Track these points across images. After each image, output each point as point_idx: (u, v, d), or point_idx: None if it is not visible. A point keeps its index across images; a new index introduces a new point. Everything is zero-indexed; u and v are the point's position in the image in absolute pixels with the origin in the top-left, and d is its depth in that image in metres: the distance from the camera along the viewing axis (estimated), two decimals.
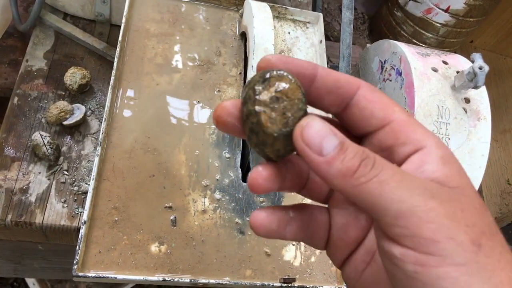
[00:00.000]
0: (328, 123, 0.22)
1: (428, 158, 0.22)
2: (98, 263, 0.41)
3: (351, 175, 0.21)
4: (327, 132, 0.22)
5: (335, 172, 0.21)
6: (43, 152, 0.51)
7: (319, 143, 0.21)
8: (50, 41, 0.62)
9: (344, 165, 0.21)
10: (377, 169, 0.20)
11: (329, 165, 0.21)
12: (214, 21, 0.60)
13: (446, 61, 0.55)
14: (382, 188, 0.20)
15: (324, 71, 0.24)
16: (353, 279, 0.25)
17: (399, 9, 0.86)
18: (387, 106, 0.24)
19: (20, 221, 0.48)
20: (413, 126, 0.23)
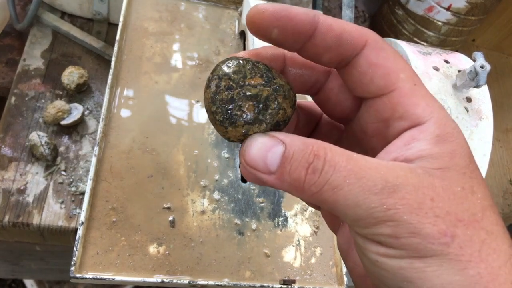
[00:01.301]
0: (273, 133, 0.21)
1: (420, 136, 0.20)
2: (95, 265, 0.41)
3: (301, 186, 0.19)
4: (268, 145, 0.20)
5: (288, 186, 0.20)
6: (41, 152, 0.50)
7: (263, 162, 0.20)
8: (48, 40, 0.61)
9: (292, 178, 0.19)
10: (328, 173, 0.19)
11: (281, 181, 0.20)
12: (213, 20, 0.59)
13: (447, 60, 0.54)
14: (335, 196, 0.19)
15: (324, 26, 0.21)
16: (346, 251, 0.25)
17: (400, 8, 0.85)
18: (391, 72, 0.21)
19: (17, 222, 0.48)
20: (416, 98, 0.21)
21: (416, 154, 0.20)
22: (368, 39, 0.21)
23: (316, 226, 0.49)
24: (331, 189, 0.19)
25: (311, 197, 0.19)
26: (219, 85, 0.21)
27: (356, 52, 0.21)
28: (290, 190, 0.20)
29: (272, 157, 0.20)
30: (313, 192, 0.19)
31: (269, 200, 0.49)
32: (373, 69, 0.21)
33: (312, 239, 0.48)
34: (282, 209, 0.49)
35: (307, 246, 0.48)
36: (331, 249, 0.48)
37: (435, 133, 0.20)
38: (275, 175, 0.20)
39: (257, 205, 0.48)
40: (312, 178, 0.19)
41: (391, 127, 0.21)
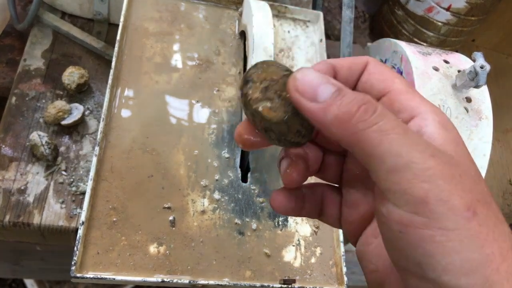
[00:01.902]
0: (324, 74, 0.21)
1: (426, 122, 0.22)
2: (96, 264, 0.41)
3: (349, 120, 0.19)
4: (321, 81, 0.21)
5: (332, 118, 0.20)
6: (41, 152, 0.50)
7: (313, 90, 0.21)
8: (48, 40, 0.61)
9: (341, 110, 0.20)
10: (379, 116, 0.19)
11: (325, 112, 0.20)
12: (213, 20, 0.59)
13: (447, 60, 0.54)
14: (381, 138, 0.19)
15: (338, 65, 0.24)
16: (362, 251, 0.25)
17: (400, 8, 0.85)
18: (387, 78, 0.24)
19: (18, 222, 0.48)
20: (410, 94, 0.23)
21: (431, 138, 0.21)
22: (368, 59, 0.25)
23: (316, 226, 0.50)
24: (379, 131, 0.19)
25: (354, 134, 0.19)
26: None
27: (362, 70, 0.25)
28: (332, 123, 0.20)
29: (323, 89, 0.20)
30: (359, 129, 0.19)
31: (269, 200, 0.49)
32: (373, 76, 0.24)
33: (312, 239, 0.48)
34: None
35: (307, 246, 0.48)
36: (331, 249, 0.48)
37: (436, 119, 0.22)
38: (320, 105, 0.20)
39: (258, 205, 0.48)
40: (363, 116, 0.19)
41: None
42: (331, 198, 0.27)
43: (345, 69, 0.24)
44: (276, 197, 0.26)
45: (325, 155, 0.27)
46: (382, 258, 0.23)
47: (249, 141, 0.24)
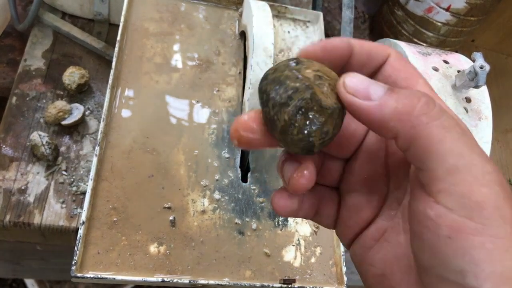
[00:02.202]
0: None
1: None
2: (96, 264, 0.41)
3: (410, 112, 0.19)
4: (371, 82, 0.20)
5: (391, 112, 0.19)
6: (42, 152, 0.51)
7: (365, 90, 0.20)
8: (49, 41, 0.61)
9: (401, 103, 0.19)
10: (441, 111, 0.18)
11: (382, 107, 0.19)
12: (214, 20, 0.59)
13: (446, 60, 0.54)
14: (444, 135, 0.18)
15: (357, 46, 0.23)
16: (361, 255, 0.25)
17: (399, 8, 0.85)
18: (411, 76, 0.23)
19: (18, 222, 0.48)
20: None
21: None
22: (390, 50, 0.23)
23: (316, 225, 0.50)
24: (442, 127, 0.18)
25: (415, 127, 0.18)
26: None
27: (383, 62, 0.23)
28: (390, 118, 0.19)
29: (375, 89, 0.20)
30: (422, 122, 0.18)
31: (269, 200, 0.49)
32: (397, 73, 0.23)
33: (312, 238, 0.49)
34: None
35: (307, 245, 0.48)
36: (331, 249, 0.48)
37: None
38: (376, 102, 0.20)
39: (258, 205, 0.49)
40: (425, 109, 0.18)
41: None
42: (329, 200, 0.27)
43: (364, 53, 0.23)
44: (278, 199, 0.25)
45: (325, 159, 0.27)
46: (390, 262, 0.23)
47: (245, 139, 0.22)
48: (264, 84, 0.21)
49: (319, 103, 0.20)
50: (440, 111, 0.18)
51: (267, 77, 0.21)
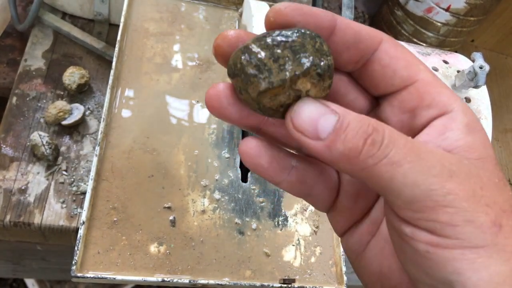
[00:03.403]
0: (323, 101, 0.19)
1: (452, 125, 0.20)
2: (97, 264, 0.41)
3: (356, 156, 0.18)
4: (321, 112, 0.19)
5: (338, 155, 0.18)
6: (42, 152, 0.51)
7: (313, 126, 0.19)
8: (49, 41, 0.61)
9: (346, 146, 0.18)
10: (388, 147, 0.18)
11: (330, 149, 0.18)
12: (214, 21, 0.60)
13: (446, 60, 0.54)
14: (393, 172, 0.18)
15: (343, 23, 0.21)
16: (357, 251, 0.24)
17: (399, 8, 0.86)
18: (411, 64, 0.21)
19: (18, 222, 0.48)
20: (439, 87, 0.21)
21: (453, 144, 0.20)
22: (383, 35, 0.21)
23: (316, 225, 0.50)
24: (390, 164, 0.18)
25: (363, 170, 0.18)
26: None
27: (374, 48, 0.21)
28: (339, 160, 0.18)
29: (324, 124, 0.19)
30: (368, 164, 0.18)
31: (269, 200, 0.50)
32: (395, 61, 0.21)
33: (312, 238, 0.49)
34: (282, 208, 0.49)
35: (307, 245, 0.48)
36: (331, 249, 0.49)
37: (464, 121, 0.20)
38: (324, 142, 0.19)
39: (257, 205, 0.49)
40: (371, 150, 0.18)
41: (419, 117, 0.21)
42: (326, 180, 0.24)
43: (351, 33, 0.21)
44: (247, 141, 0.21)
45: None
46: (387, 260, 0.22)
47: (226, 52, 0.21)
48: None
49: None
50: (387, 145, 0.18)
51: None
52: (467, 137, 0.20)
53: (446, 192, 0.18)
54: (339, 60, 0.21)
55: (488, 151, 0.20)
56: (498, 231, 0.18)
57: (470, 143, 0.20)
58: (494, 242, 0.18)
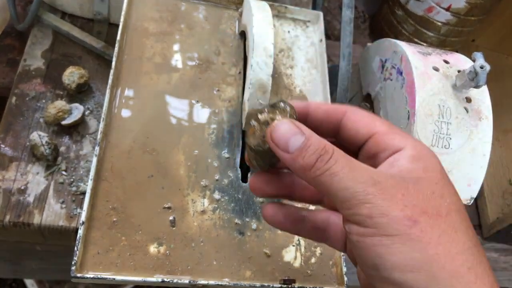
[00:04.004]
0: (298, 123, 0.27)
1: (399, 158, 0.27)
2: (96, 264, 0.41)
3: (309, 169, 0.25)
4: (293, 132, 0.26)
5: (298, 167, 0.26)
6: (41, 152, 0.51)
7: (285, 142, 0.26)
8: (48, 40, 0.61)
9: (305, 162, 0.25)
10: (330, 163, 0.25)
11: (294, 161, 0.26)
12: (214, 20, 0.59)
13: (447, 60, 0.54)
14: (332, 179, 0.25)
15: (314, 107, 0.30)
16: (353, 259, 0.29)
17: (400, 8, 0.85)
18: (369, 123, 0.29)
19: (18, 222, 0.48)
20: (392, 134, 0.28)
21: (397, 169, 0.26)
22: (346, 108, 0.30)
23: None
24: (329, 174, 0.25)
25: (313, 178, 0.25)
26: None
27: (340, 118, 0.29)
28: (298, 170, 0.26)
29: (294, 141, 0.26)
30: (316, 174, 0.25)
31: (269, 200, 0.49)
32: (356, 124, 0.29)
33: None
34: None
35: (307, 246, 0.48)
36: (331, 249, 0.48)
37: (410, 154, 0.26)
38: (290, 155, 0.26)
39: (258, 205, 0.48)
40: (319, 165, 0.25)
41: (379, 158, 0.28)
42: (336, 223, 0.31)
43: (321, 112, 0.30)
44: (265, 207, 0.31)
45: None
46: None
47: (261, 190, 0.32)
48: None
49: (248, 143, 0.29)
50: (331, 161, 0.25)
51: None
52: (410, 164, 0.26)
53: (367, 193, 0.24)
54: (321, 130, 0.29)
55: (428, 173, 0.26)
56: (413, 225, 0.23)
57: (411, 169, 0.26)
58: (407, 232, 0.23)
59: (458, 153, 0.50)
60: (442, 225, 0.24)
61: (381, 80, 0.59)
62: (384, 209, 0.24)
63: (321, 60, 0.60)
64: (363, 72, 0.65)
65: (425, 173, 0.26)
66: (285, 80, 0.58)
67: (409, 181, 0.25)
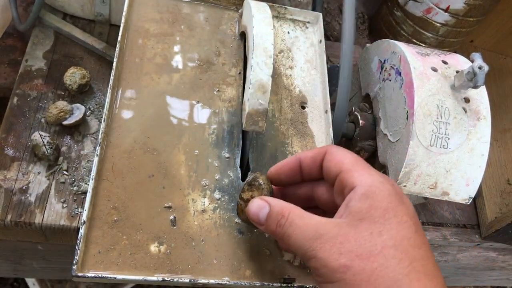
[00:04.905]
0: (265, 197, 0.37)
1: (353, 196, 0.32)
2: (97, 263, 0.41)
3: (274, 234, 0.34)
4: (260, 207, 0.36)
5: (268, 232, 0.36)
6: (43, 152, 0.51)
7: (257, 217, 0.36)
8: (50, 41, 0.62)
9: (269, 228, 0.35)
10: (285, 227, 0.33)
11: (265, 229, 0.36)
12: (214, 21, 0.60)
13: (445, 60, 0.55)
14: (289, 240, 0.33)
15: (303, 157, 0.38)
16: None
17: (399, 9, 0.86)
18: (338, 161, 0.34)
19: (19, 221, 0.48)
20: (352, 172, 0.33)
21: (349, 210, 0.31)
22: (326, 149, 0.36)
23: None
24: (287, 237, 0.33)
25: (279, 240, 0.35)
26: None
27: (322, 159, 0.36)
28: (271, 235, 0.35)
29: (262, 214, 0.35)
30: (279, 237, 0.34)
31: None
32: (329, 163, 0.35)
33: None
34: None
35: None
36: None
37: (360, 192, 0.31)
38: (263, 226, 0.36)
39: None
40: (278, 230, 0.33)
41: (344, 195, 0.33)
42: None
43: (309, 159, 0.37)
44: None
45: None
46: None
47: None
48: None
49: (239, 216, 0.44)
50: (286, 225, 0.33)
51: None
52: (359, 204, 0.31)
53: (312, 249, 0.30)
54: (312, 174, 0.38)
55: (371, 212, 0.30)
56: (347, 271, 0.28)
57: (358, 209, 0.31)
58: (343, 278, 0.28)
59: (456, 153, 0.51)
60: (373, 264, 0.28)
61: (380, 81, 0.59)
62: (324, 261, 0.29)
63: (320, 61, 0.60)
64: (362, 73, 0.66)
65: (369, 212, 0.30)
66: (285, 80, 0.58)
67: (352, 225, 0.30)
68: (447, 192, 0.52)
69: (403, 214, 0.30)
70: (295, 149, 0.53)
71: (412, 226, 0.30)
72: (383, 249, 0.28)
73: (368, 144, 0.59)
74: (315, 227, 0.31)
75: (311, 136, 0.55)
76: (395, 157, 0.52)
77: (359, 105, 0.64)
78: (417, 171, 0.50)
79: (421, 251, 0.29)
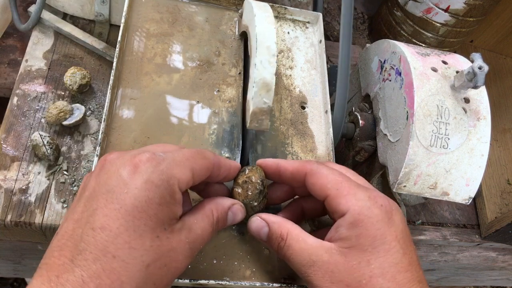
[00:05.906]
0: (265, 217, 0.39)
1: (341, 223, 0.33)
2: None
3: (276, 252, 0.37)
4: (260, 225, 0.38)
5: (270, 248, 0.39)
6: (43, 152, 0.51)
7: (258, 233, 0.39)
8: (50, 41, 0.62)
9: (272, 246, 0.38)
10: (284, 249, 0.36)
11: (268, 245, 0.39)
12: (214, 21, 0.60)
13: (445, 61, 0.55)
14: (288, 262, 0.36)
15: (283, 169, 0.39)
16: None
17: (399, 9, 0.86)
18: (322, 185, 0.35)
19: (19, 221, 0.48)
20: (338, 198, 0.34)
21: (338, 235, 0.34)
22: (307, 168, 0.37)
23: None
24: (286, 259, 0.36)
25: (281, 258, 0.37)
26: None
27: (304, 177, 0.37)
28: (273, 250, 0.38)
29: (263, 233, 0.38)
30: (281, 257, 0.37)
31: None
32: (313, 186, 0.37)
33: None
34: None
35: None
36: None
37: (349, 221, 0.33)
38: (265, 242, 0.39)
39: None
40: (279, 250, 0.37)
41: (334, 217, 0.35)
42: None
43: (288, 174, 0.38)
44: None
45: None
46: None
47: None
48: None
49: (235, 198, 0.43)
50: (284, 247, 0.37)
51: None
52: (347, 232, 0.33)
53: (307, 275, 0.34)
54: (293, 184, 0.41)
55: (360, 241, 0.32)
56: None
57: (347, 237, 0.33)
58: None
59: (456, 153, 0.51)
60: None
61: (380, 81, 0.59)
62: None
63: (320, 61, 0.60)
64: (362, 73, 0.66)
65: (358, 240, 0.32)
66: (285, 80, 0.59)
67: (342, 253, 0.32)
68: (447, 192, 0.52)
69: (392, 240, 0.31)
70: (295, 149, 0.53)
71: (399, 250, 0.31)
72: (371, 278, 0.30)
73: (368, 144, 0.59)
74: (309, 252, 0.33)
75: (311, 136, 0.55)
76: (395, 157, 0.52)
77: (359, 105, 0.64)
78: (417, 171, 0.50)
79: (408, 274, 0.31)
